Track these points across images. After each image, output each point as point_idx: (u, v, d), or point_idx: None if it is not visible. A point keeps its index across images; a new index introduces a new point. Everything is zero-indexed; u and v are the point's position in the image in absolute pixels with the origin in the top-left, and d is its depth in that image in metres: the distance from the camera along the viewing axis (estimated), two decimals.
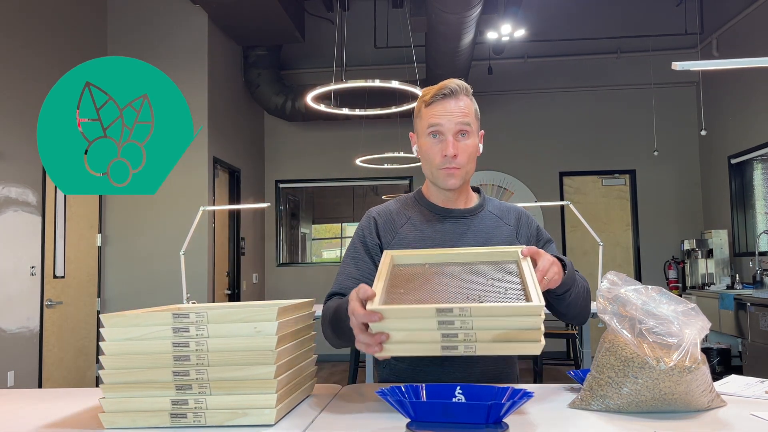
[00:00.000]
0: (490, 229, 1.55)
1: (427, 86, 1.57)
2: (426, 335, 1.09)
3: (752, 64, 2.65)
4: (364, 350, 1.13)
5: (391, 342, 1.10)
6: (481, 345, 1.08)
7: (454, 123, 1.46)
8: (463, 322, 1.07)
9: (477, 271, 1.28)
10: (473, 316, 1.07)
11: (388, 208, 1.60)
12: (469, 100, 1.50)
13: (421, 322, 1.09)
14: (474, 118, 1.50)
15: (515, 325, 1.07)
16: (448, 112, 1.47)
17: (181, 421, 1.09)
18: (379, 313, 1.09)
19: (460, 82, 1.50)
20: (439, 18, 5.22)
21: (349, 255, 1.57)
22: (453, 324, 1.07)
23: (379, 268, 1.27)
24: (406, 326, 1.10)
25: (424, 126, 1.50)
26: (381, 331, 1.10)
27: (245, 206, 6.87)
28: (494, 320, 1.07)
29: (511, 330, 1.07)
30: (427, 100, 1.50)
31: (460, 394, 1.10)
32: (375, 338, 1.10)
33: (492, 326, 1.07)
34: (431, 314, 1.08)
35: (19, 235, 4.48)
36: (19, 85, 4.56)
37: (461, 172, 1.49)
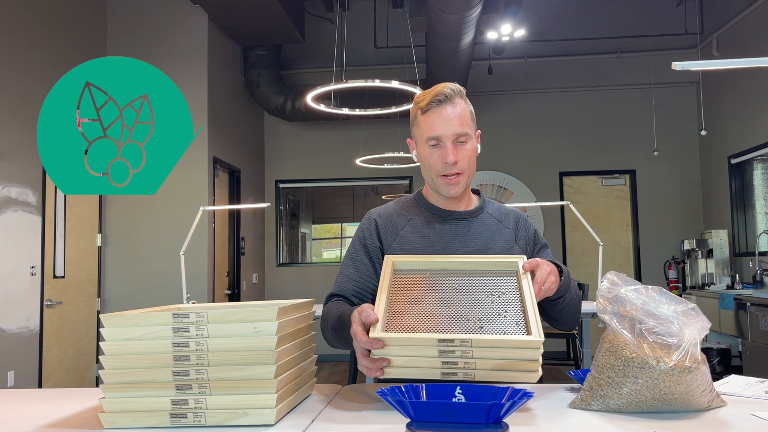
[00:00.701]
0: (490, 232, 1.55)
1: (427, 86, 1.58)
2: (426, 362, 1.13)
3: (752, 64, 2.65)
4: (365, 373, 1.17)
5: (392, 366, 1.14)
6: (480, 372, 1.12)
7: (452, 132, 1.47)
8: (464, 352, 1.12)
9: (478, 286, 1.30)
10: (473, 347, 1.11)
11: (389, 210, 1.60)
12: (464, 102, 1.51)
13: (422, 350, 1.13)
14: (471, 121, 1.51)
15: (514, 356, 1.12)
16: (445, 121, 1.47)
17: (181, 421, 1.09)
18: (381, 341, 1.13)
19: (453, 86, 1.50)
20: (439, 18, 5.22)
21: (349, 256, 1.57)
22: (453, 353, 1.12)
23: (381, 279, 1.31)
24: (407, 353, 1.14)
25: (422, 136, 1.51)
26: (383, 357, 1.14)
27: (245, 206, 6.87)
28: (494, 351, 1.12)
29: (509, 361, 1.12)
30: (423, 107, 1.50)
31: (460, 394, 1.10)
32: (377, 364, 1.14)
33: (491, 356, 1.12)
34: (432, 343, 1.12)
35: (19, 235, 4.48)
36: (19, 85, 4.56)
37: (462, 178, 1.50)
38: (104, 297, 5.70)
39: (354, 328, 1.18)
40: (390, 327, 1.19)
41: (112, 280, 5.73)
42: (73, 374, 5.13)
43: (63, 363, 4.99)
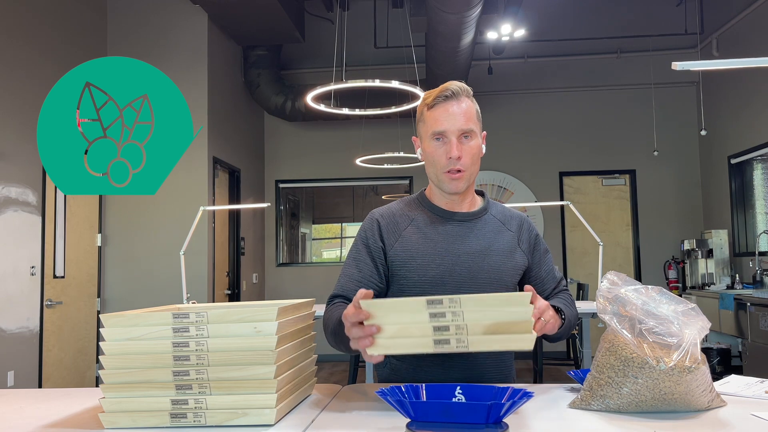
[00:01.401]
0: (493, 234, 1.55)
1: (427, 86, 1.59)
2: (417, 329, 1.10)
3: (752, 64, 2.65)
4: (356, 346, 1.14)
5: (383, 336, 1.11)
6: (473, 339, 1.09)
7: (457, 127, 1.47)
8: (454, 314, 1.09)
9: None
10: (463, 308, 1.08)
11: (391, 210, 1.60)
12: (470, 101, 1.51)
13: (411, 315, 1.10)
14: (476, 120, 1.51)
15: (505, 316, 1.08)
16: (451, 116, 1.47)
17: (181, 421, 1.09)
18: (366, 312, 1.11)
19: (460, 84, 1.51)
20: (439, 18, 5.22)
21: (351, 256, 1.57)
22: (444, 317, 1.09)
23: None
24: (396, 320, 1.11)
25: (428, 131, 1.51)
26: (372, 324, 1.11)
27: (245, 206, 6.87)
28: (484, 311, 1.08)
29: (501, 322, 1.08)
30: (429, 103, 1.51)
31: (460, 394, 1.10)
32: (366, 330, 1.11)
33: (482, 317, 1.08)
34: (421, 306, 1.09)
35: (19, 235, 4.48)
36: (20, 84, 4.56)
37: (466, 175, 1.50)
38: (104, 297, 5.70)
39: (346, 310, 1.17)
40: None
41: (112, 280, 5.74)
42: (73, 374, 5.13)
43: (63, 363, 4.99)
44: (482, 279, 1.49)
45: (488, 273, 1.50)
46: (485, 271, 1.50)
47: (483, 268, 1.50)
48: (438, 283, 1.48)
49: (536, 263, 1.60)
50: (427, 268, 1.49)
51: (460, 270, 1.49)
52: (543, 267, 1.60)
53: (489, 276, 1.50)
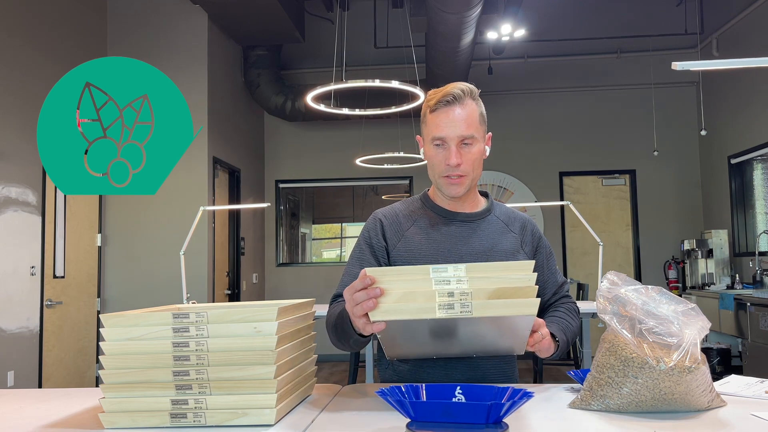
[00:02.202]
0: (496, 235, 1.55)
1: (427, 86, 1.58)
2: (421, 294, 1.11)
3: (752, 64, 2.65)
4: (359, 312, 1.14)
5: (387, 300, 1.11)
6: (478, 303, 1.10)
7: (457, 134, 1.45)
8: (458, 280, 1.11)
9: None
10: (468, 273, 1.11)
11: (395, 210, 1.60)
12: (474, 104, 1.49)
13: (416, 280, 1.12)
14: (479, 123, 1.49)
15: (509, 283, 1.10)
16: (451, 122, 1.45)
17: (181, 421, 1.09)
18: (372, 276, 1.12)
19: (465, 86, 1.48)
20: (439, 18, 5.22)
21: (355, 256, 1.56)
22: (449, 283, 1.11)
23: None
24: (401, 286, 1.12)
25: (428, 135, 1.50)
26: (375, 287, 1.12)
27: (245, 206, 6.87)
28: (488, 279, 1.11)
29: (505, 287, 1.10)
30: (431, 106, 1.49)
31: (460, 394, 1.10)
32: (370, 292, 1.11)
33: (486, 285, 1.11)
34: (426, 272, 1.12)
35: (19, 235, 4.48)
36: (20, 84, 4.56)
37: (466, 180, 1.49)
38: (104, 297, 5.70)
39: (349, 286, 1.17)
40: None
41: (112, 280, 5.74)
42: (73, 374, 5.13)
43: (63, 363, 4.98)
44: None
45: None
46: None
47: None
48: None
49: (539, 265, 1.59)
50: None
51: None
52: (545, 270, 1.60)
53: None
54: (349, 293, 1.15)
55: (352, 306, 1.15)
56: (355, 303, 1.14)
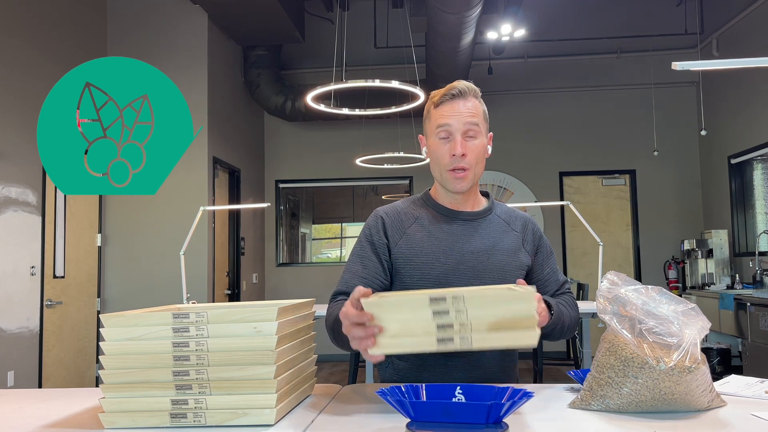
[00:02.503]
0: (497, 234, 1.55)
1: (427, 86, 1.59)
2: (420, 327, 1.07)
3: (752, 64, 2.65)
4: (357, 347, 1.12)
5: (385, 336, 1.09)
6: (477, 336, 1.07)
7: (462, 123, 1.47)
8: (457, 312, 1.06)
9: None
10: (467, 304, 1.06)
11: (396, 208, 1.60)
12: (477, 101, 1.51)
13: (414, 312, 1.08)
14: (482, 119, 1.51)
15: (509, 313, 1.06)
16: (456, 113, 1.48)
17: (181, 421, 1.09)
18: (369, 314, 1.08)
19: (468, 84, 1.51)
20: (439, 18, 5.22)
21: (356, 253, 1.56)
22: (447, 314, 1.06)
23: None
24: (399, 318, 1.09)
25: (433, 127, 1.51)
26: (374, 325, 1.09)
27: (245, 206, 6.87)
28: (488, 308, 1.06)
29: (505, 318, 1.06)
30: (435, 101, 1.52)
31: (460, 394, 1.10)
32: (368, 331, 1.09)
33: (486, 314, 1.06)
34: (424, 303, 1.07)
35: (19, 235, 4.48)
36: (20, 84, 4.56)
37: (470, 174, 1.49)
38: (104, 297, 5.70)
39: (344, 308, 1.15)
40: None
41: (112, 280, 5.74)
42: (73, 374, 5.13)
43: (63, 363, 4.98)
44: (486, 278, 1.49)
45: (492, 272, 1.50)
46: (489, 270, 1.50)
47: (487, 267, 1.50)
48: (442, 281, 1.48)
49: (539, 264, 1.60)
50: (431, 266, 1.49)
51: (464, 268, 1.49)
52: (546, 268, 1.60)
53: (493, 275, 1.49)
54: (346, 321, 1.14)
55: (348, 331, 1.14)
56: (353, 337, 1.12)
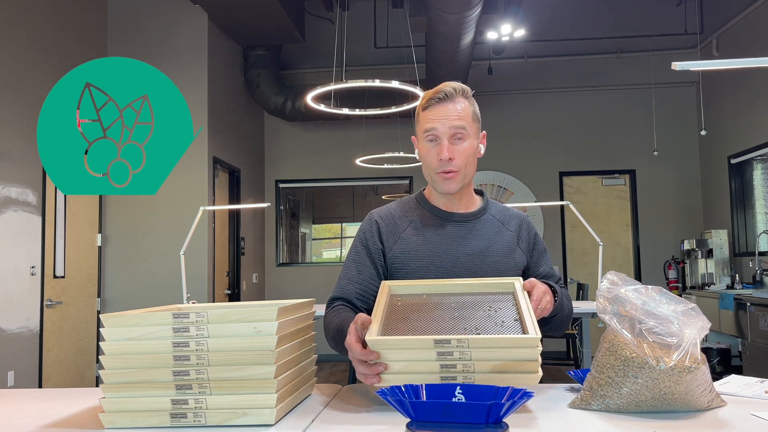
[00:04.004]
0: (492, 234, 1.56)
1: (427, 86, 1.59)
2: (424, 366, 1.11)
3: (752, 64, 2.65)
4: (362, 380, 1.16)
5: (390, 373, 1.12)
6: (479, 376, 1.11)
7: (449, 127, 1.47)
8: (462, 353, 1.10)
9: (474, 302, 1.30)
10: (471, 348, 1.10)
11: (390, 211, 1.60)
12: (466, 102, 1.50)
13: (419, 353, 1.11)
14: (471, 120, 1.50)
15: (512, 357, 1.10)
16: (442, 116, 1.47)
17: (181, 421, 1.09)
18: (375, 352, 1.12)
19: (456, 85, 1.50)
20: (439, 18, 5.22)
21: (351, 258, 1.57)
22: (452, 355, 1.10)
23: (377, 299, 1.30)
24: (404, 357, 1.12)
25: (421, 131, 1.52)
26: (379, 363, 1.12)
27: (245, 206, 6.87)
28: (492, 351, 1.10)
29: (508, 361, 1.10)
30: (423, 104, 1.52)
31: (460, 394, 1.10)
32: (373, 369, 1.13)
33: (489, 357, 1.10)
34: (429, 345, 1.10)
35: (19, 235, 4.48)
36: (20, 84, 4.56)
37: (458, 176, 1.50)
38: (104, 297, 5.70)
39: (349, 339, 1.17)
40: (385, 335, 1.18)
41: (112, 280, 5.74)
42: (73, 374, 5.13)
43: (63, 363, 4.99)
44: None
45: (488, 274, 1.50)
46: (485, 271, 1.50)
47: (482, 269, 1.50)
48: None
49: (535, 263, 1.60)
50: (426, 271, 1.49)
51: (459, 271, 1.49)
52: (541, 266, 1.61)
53: (488, 276, 1.50)
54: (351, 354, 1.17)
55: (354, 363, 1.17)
56: (358, 372, 1.16)
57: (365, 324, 1.16)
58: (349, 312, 1.46)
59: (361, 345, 1.15)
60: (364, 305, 1.52)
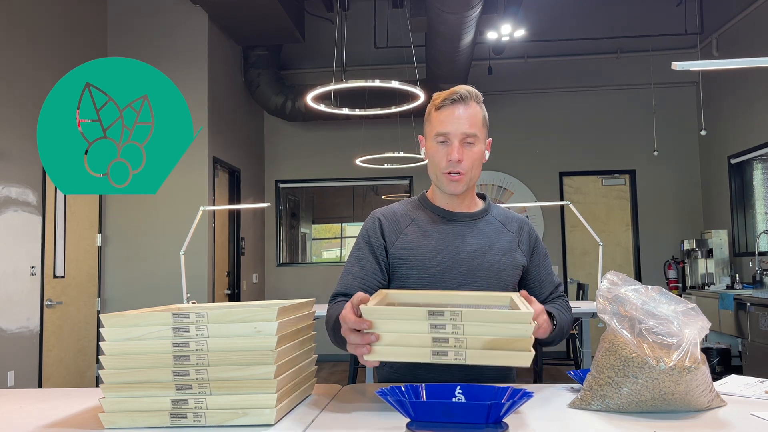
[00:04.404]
0: (493, 234, 1.57)
1: (427, 86, 1.60)
2: (416, 338, 1.10)
3: (752, 64, 2.65)
4: (353, 351, 1.15)
5: (381, 344, 1.11)
6: (472, 352, 1.09)
7: (461, 131, 1.49)
8: (455, 327, 1.08)
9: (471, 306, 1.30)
10: (464, 321, 1.08)
11: (393, 210, 1.62)
12: (478, 107, 1.53)
13: (412, 324, 1.10)
14: (482, 125, 1.53)
15: (505, 333, 1.08)
16: (456, 119, 1.49)
17: (181, 420, 1.09)
18: (368, 321, 1.11)
19: (470, 89, 1.53)
20: (439, 18, 5.22)
21: (354, 255, 1.58)
22: (444, 328, 1.08)
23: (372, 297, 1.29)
24: (396, 328, 1.11)
25: (432, 131, 1.53)
26: (371, 332, 1.11)
27: (245, 206, 6.87)
28: (485, 326, 1.08)
29: (501, 338, 1.08)
30: (437, 104, 1.53)
31: (460, 394, 1.10)
32: (364, 338, 1.11)
33: (483, 332, 1.08)
34: (422, 317, 1.09)
35: (19, 235, 4.48)
36: (20, 84, 4.56)
37: (465, 178, 1.52)
38: (104, 297, 5.70)
39: (343, 312, 1.16)
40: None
41: (112, 280, 5.74)
42: (73, 374, 5.13)
43: (63, 363, 4.99)
44: (482, 277, 1.50)
45: (488, 271, 1.51)
46: (485, 269, 1.51)
47: (483, 266, 1.51)
48: (438, 280, 1.50)
49: (535, 266, 1.61)
50: (427, 266, 1.50)
51: (460, 268, 1.50)
52: (542, 270, 1.62)
53: (489, 274, 1.51)
54: (344, 325, 1.16)
55: (346, 335, 1.16)
56: (349, 342, 1.14)
57: (362, 301, 1.15)
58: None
59: (354, 315, 1.14)
60: None
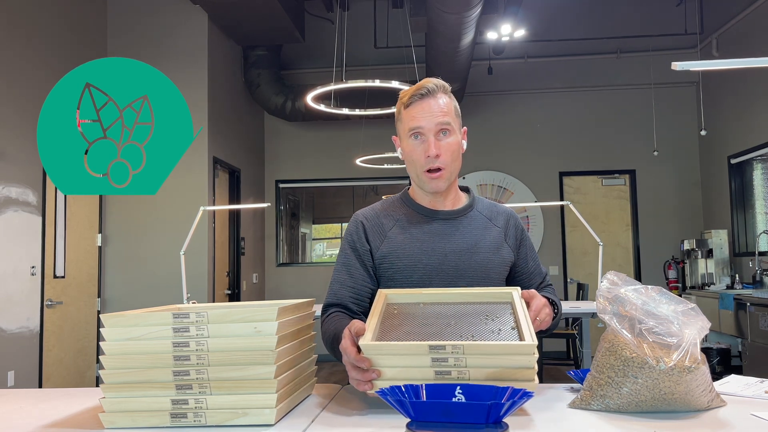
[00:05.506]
0: (479, 230, 1.55)
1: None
2: (418, 373, 1.09)
3: (752, 64, 2.65)
4: (354, 386, 1.15)
5: (383, 379, 1.11)
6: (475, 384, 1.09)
7: (434, 123, 1.46)
8: (457, 360, 1.08)
9: (471, 311, 1.28)
10: (466, 354, 1.07)
11: (375, 211, 1.60)
12: (447, 97, 1.50)
13: (413, 359, 1.09)
14: (454, 115, 1.50)
15: (508, 364, 1.08)
16: (427, 112, 1.46)
17: (182, 420, 1.09)
18: (368, 359, 1.10)
19: (437, 81, 1.50)
20: (439, 18, 5.22)
21: (341, 262, 1.56)
22: (446, 362, 1.08)
23: (373, 306, 1.28)
24: (397, 363, 1.10)
25: (405, 128, 1.50)
26: (372, 369, 1.11)
27: (245, 206, 6.87)
28: (487, 358, 1.08)
29: (504, 368, 1.08)
30: (405, 101, 1.50)
31: (459, 393, 1.10)
32: (365, 375, 1.12)
33: (485, 364, 1.08)
34: (423, 351, 1.08)
35: (19, 235, 4.48)
36: (20, 85, 4.56)
37: (446, 173, 1.49)
38: (104, 297, 5.70)
39: (344, 343, 1.16)
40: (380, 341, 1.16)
41: (112, 280, 5.74)
42: (73, 374, 5.13)
43: (63, 363, 4.98)
44: (469, 276, 1.49)
45: (475, 270, 1.50)
46: (472, 268, 1.50)
47: (470, 265, 1.50)
48: (425, 282, 1.48)
49: (523, 258, 1.60)
50: (413, 269, 1.49)
51: (446, 268, 1.49)
52: (530, 261, 1.61)
53: (476, 273, 1.50)
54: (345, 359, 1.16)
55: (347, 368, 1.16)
56: (351, 378, 1.15)
57: (359, 333, 1.15)
58: (345, 318, 1.46)
59: (356, 349, 1.14)
60: (359, 308, 1.52)
